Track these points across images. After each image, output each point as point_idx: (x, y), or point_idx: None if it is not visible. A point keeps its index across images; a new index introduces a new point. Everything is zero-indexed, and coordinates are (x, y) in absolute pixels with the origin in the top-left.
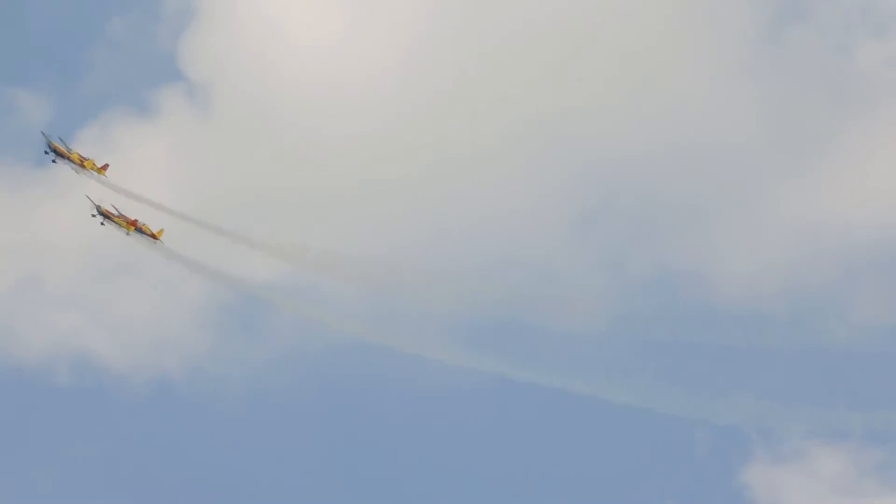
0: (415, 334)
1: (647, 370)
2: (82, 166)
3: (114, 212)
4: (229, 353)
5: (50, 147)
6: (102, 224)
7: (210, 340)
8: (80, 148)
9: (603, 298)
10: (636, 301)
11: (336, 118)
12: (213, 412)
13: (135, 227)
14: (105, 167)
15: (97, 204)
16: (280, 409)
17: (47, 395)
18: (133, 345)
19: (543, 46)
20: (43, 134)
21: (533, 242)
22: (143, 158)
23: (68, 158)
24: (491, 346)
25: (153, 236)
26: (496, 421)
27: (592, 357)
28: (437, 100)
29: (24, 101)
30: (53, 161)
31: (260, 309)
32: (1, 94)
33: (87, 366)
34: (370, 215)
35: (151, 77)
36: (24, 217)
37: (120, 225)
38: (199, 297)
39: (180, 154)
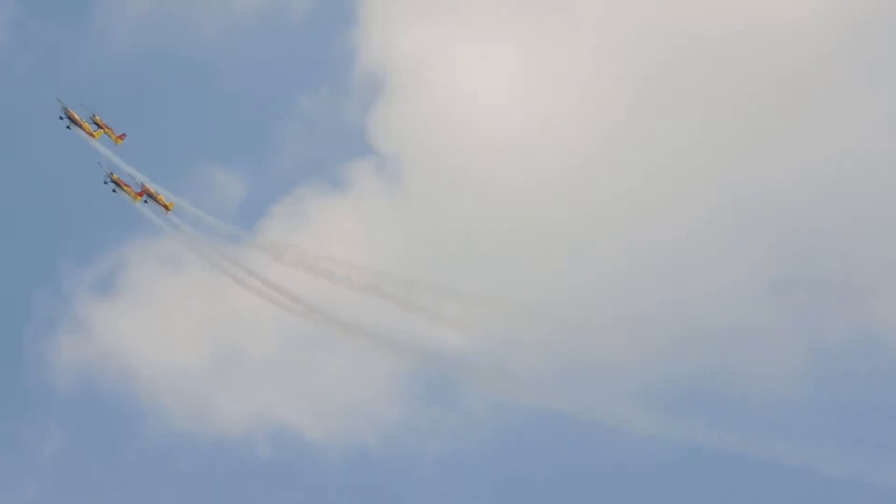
0: (608, 403)
1: (858, 438)
2: (92, 136)
3: (124, 180)
4: (423, 422)
5: (65, 114)
6: (114, 191)
7: (403, 409)
8: (274, 224)
9: (800, 362)
10: (836, 365)
11: (522, 172)
12: (410, 482)
13: (143, 196)
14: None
15: (109, 172)
16: (475, 479)
17: (247, 467)
18: (328, 415)
19: (731, 98)
20: (59, 100)
21: (728, 304)
22: (335, 232)
23: (80, 126)
24: (687, 413)
25: (165, 207)
26: (697, 493)
27: (795, 424)
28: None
29: (221, 178)
30: (68, 127)
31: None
32: (199, 171)
33: (285, 437)
34: (561, 266)
35: (342, 151)
36: (222, 290)
37: (129, 194)
38: (390, 366)
39: (371, 226)
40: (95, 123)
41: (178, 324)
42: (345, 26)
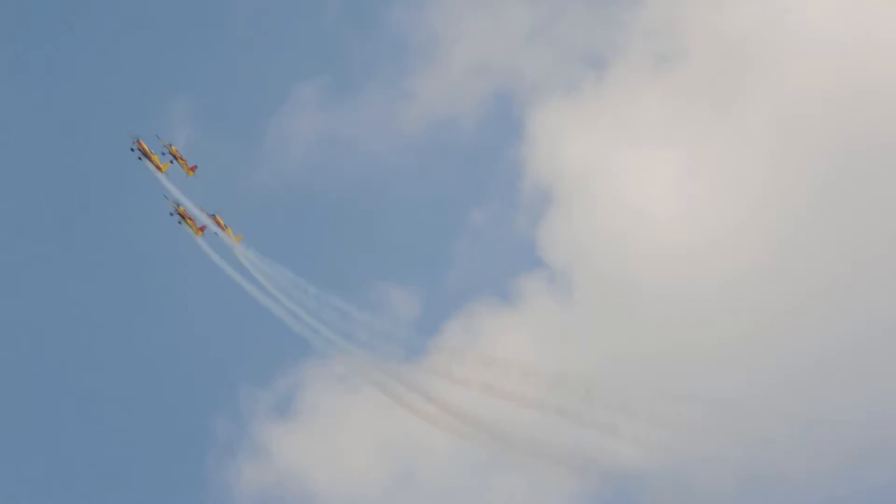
0: None
1: None
2: (159, 169)
3: (189, 214)
4: None
5: (136, 146)
6: (179, 223)
7: None
8: (447, 340)
9: None
10: None
11: (694, 282)
12: None
13: (204, 230)
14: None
15: (175, 204)
16: None
17: None
18: None
19: None
20: (127, 132)
21: None
22: (508, 346)
23: (149, 159)
24: None
25: (232, 239)
26: None
27: None
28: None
29: (394, 295)
30: (139, 159)
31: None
32: (373, 289)
33: None
34: (739, 376)
35: (512, 265)
36: (397, 413)
37: (191, 227)
38: (569, 486)
39: (543, 339)
40: (171, 154)
41: (355, 447)
42: (513, 140)
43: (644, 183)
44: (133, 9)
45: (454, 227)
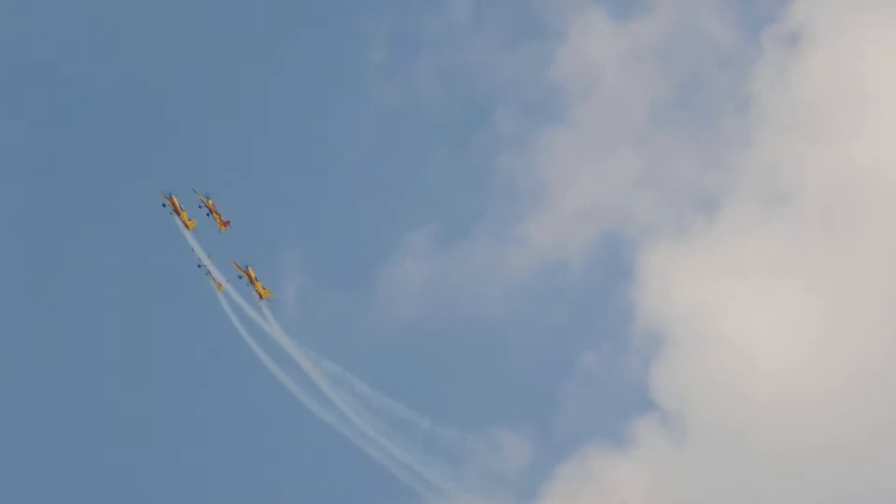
0: None
1: None
2: (187, 226)
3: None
4: None
5: (166, 203)
6: (207, 275)
7: None
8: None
9: None
10: None
11: (803, 434)
12: None
13: (224, 288)
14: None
15: (202, 259)
16: None
17: None
18: None
19: None
20: (159, 191)
21: None
22: (621, 492)
23: (178, 215)
24: None
25: (260, 294)
26: None
27: None
28: None
29: (505, 439)
30: (171, 214)
31: None
32: (483, 433)
33: None
34: None
35: (625, 408)
36: None
37: (214, 282)
38: None
39: (657, 485)
40: (207, 207)
41: None
42: (622, 281)
43: (756, 325)
44: (247, 162)
45: (565, 370)
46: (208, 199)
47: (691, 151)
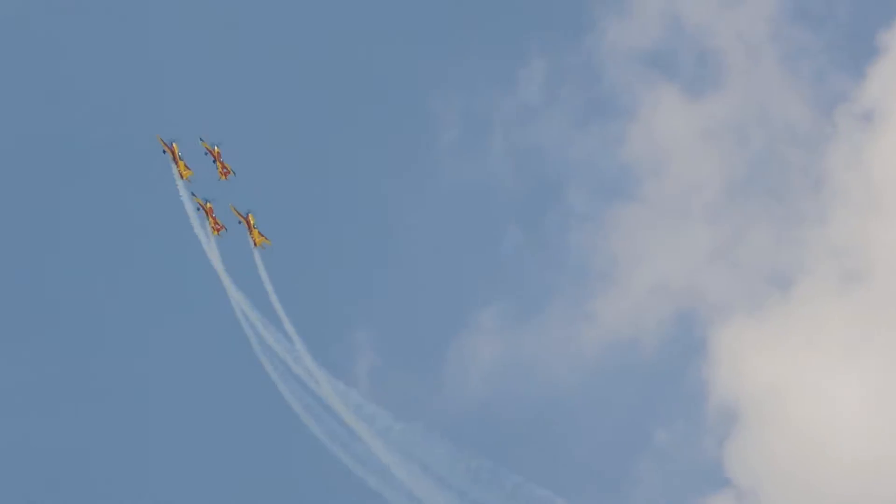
0: None
1: None
2: (181, 176)
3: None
4: None
5: (165, 150)
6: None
7: None
8: None
9: None
10: None
11: None
12: None
13: (219, 232)
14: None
15: (204, 201)
16: None
17: None
18: None
19: None
20: (159, 138)
21: None
22: None
23: (175, 163)
24: None
25: (255, 242)
26: None
27: None
28: None
29: None
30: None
31: None
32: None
33: None
34: None
35: (699, 486)
36: None
37: (210, 225)
38: None
39: None
40: (212, 155)
41: None
42: (695, 358)
43: (831, 406)
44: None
45: (638, 448)
46: (215, 147)
47: (765, 228)
